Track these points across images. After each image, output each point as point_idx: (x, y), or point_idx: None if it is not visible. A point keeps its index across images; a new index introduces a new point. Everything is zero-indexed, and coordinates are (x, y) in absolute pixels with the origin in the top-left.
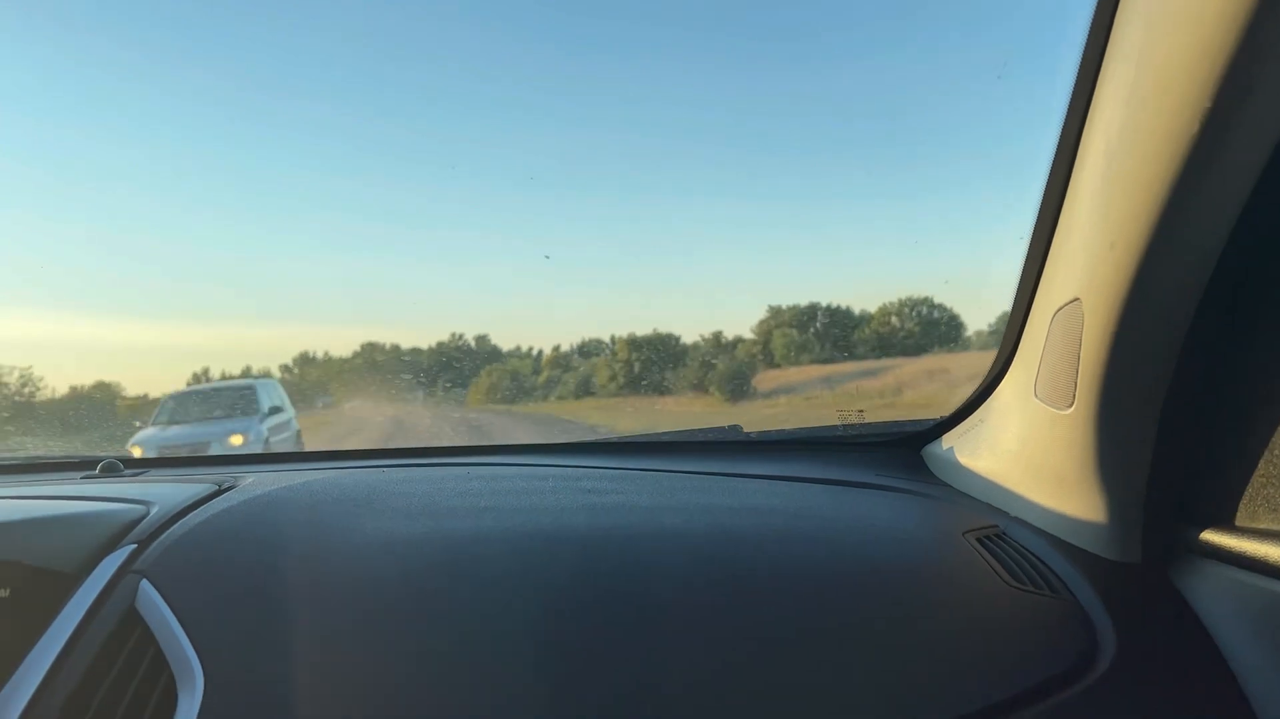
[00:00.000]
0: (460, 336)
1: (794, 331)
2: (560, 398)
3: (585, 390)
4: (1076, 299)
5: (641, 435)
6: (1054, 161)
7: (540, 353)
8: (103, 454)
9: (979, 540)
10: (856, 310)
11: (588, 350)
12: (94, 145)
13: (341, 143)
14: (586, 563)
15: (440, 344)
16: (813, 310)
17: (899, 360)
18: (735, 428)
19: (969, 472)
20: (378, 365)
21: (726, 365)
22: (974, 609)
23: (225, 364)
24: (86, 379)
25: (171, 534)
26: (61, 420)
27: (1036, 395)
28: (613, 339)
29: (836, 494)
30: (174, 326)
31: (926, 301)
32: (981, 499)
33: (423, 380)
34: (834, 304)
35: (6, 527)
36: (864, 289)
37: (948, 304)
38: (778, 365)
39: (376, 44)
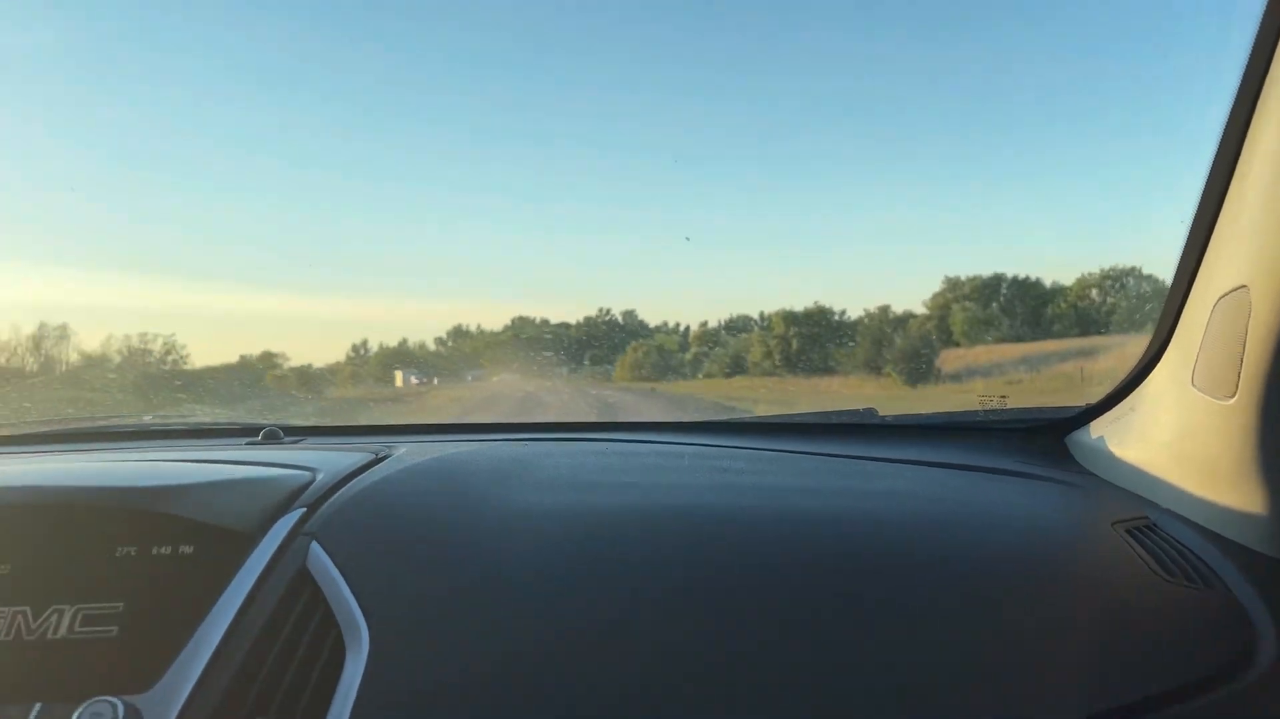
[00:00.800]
0: (607, 311)
1: (975, 306)
2: (708, 376)
3: (736, 368)
4: (1243, 286)
5: (775, 417)
6: (1221, 144)
7: (688, 329)
8: (264, 422)
9: (1128, 531)
10: (1048, 283)
11: (736, 326)
12: (253, 120)
13: (494, 123)
14: (720, 540)
15: (588, 319)
16: (996, 282)
17: (1107, 339)
18: (870, 410)
19: (1117, 460)
20: (526, 339)
21: (905, 342)
22: (1124, 601)
23: (382, 335)
24: (250, 349)
25: (338, 499)
26: (228, 390)
27: (1194, 384)
28: (763, 315)
29: (976, 480)
30: (329, 299)
31: (1134, 272)
32: (1130, 489)
33: (569, 355)
34: (1022, 276)
35: (189, 488)
36: (1032, 267)
37: (1159, 275)
38: (956, 343)
39: (521, 31)
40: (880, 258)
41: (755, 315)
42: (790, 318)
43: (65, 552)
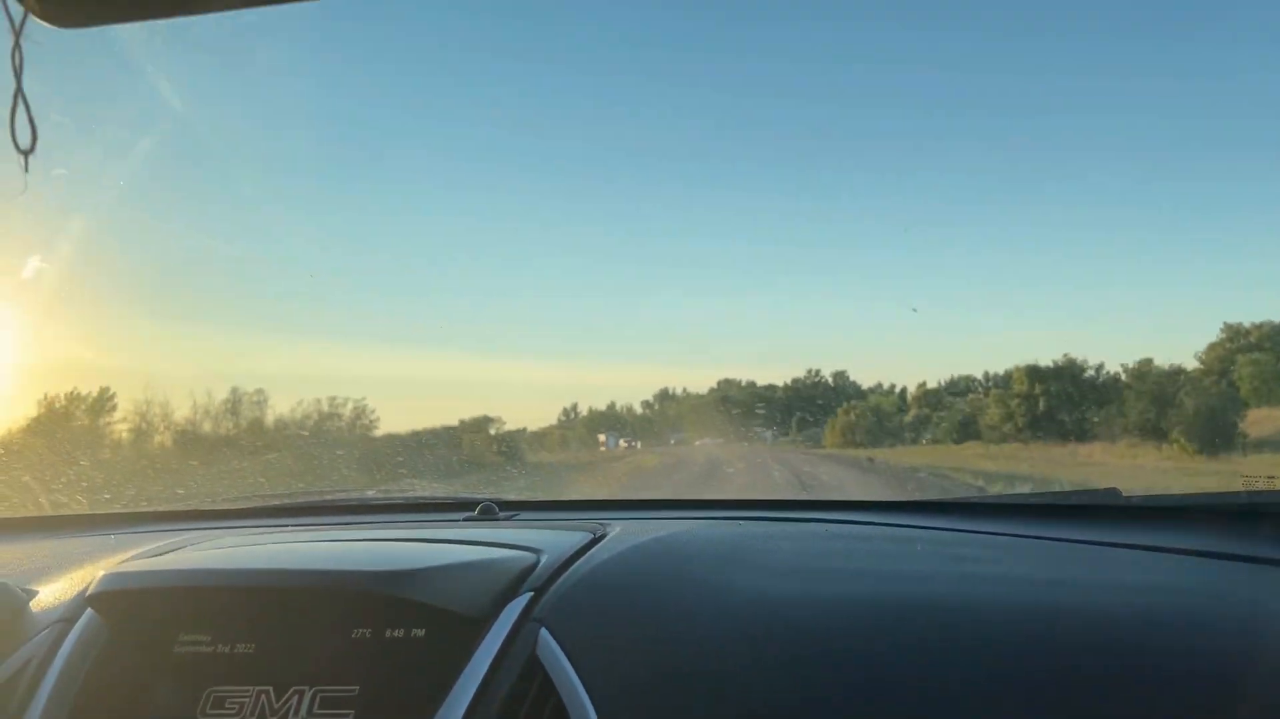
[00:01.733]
0: (817, 373)
1: (1267, 357)
2: (935, 441)
3: (967, 432)
4: None
5: (1007, 497)
6: None
7: (904, 390)
8: (480, 496)
9: None
10: None
11: (959, 387)
12: (475, 200)
13: (702, 200)
14: (961, 637)
15: (796, 380)
16: None
17: None
18: (1113, 491)
19: None
20: (732, 402)
21: (1196, 401)
22: None
23: (591, 399)
24: (470, 412)
25: (563, 583)
26: (445, 464)
27: None
28: (988, 375)
29: (1241, 572)
30: (542, 364)
31: None
32: None
33: (776, 418)
34: None
35: (420, 572)
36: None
37: None
38: (1245, 403)
39: (737, 114)
40: (1139, 304)
41: (979, 375)
42: (1036, 374)
43: (304, 633)
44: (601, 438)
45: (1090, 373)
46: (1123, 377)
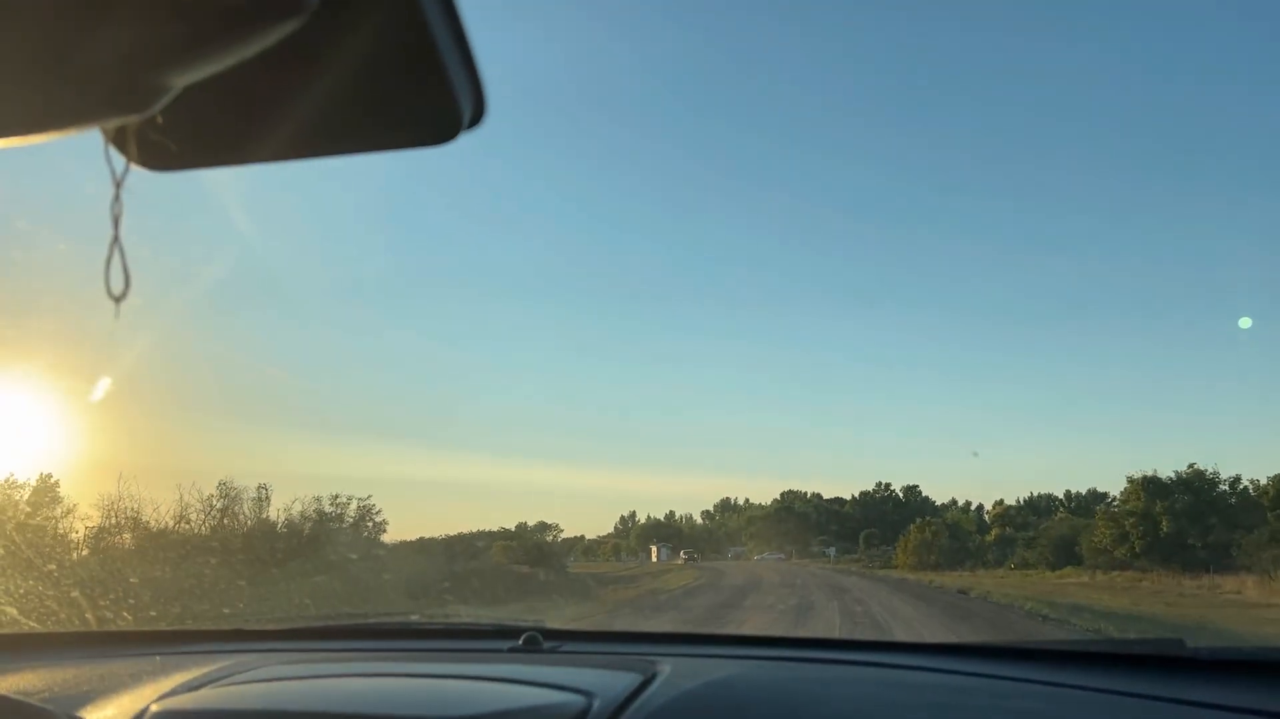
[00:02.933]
0: (887, 486)
1: None
2: (1026, 565)
3: (1064, 556)
4: None
5: (1064, 643)
6: None
7: (980, 507)
8: (524, 624)
9: None
10: None
11: (1039, 506)
12: (536, 316)
13: (770, 315)
14: None
15: (864, 494)
16: None
17: None
18: (1179, 641)
19: None
20: (795, 513)
21: None
22: None
23: (651, 508)
24: (533, 517)
25: None
26: (491, 592)
27: None
28: (1069, 495)
29: None
30: (600, 471)
31: None
32: None
33: (842, 533)
34: None
35: None
36: None
37: None
38: None
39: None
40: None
41: (1060, 495)
42: (1155, 487)
43: None
44: (654, 549)
45: (1223, 487)
46: (1270, 491)
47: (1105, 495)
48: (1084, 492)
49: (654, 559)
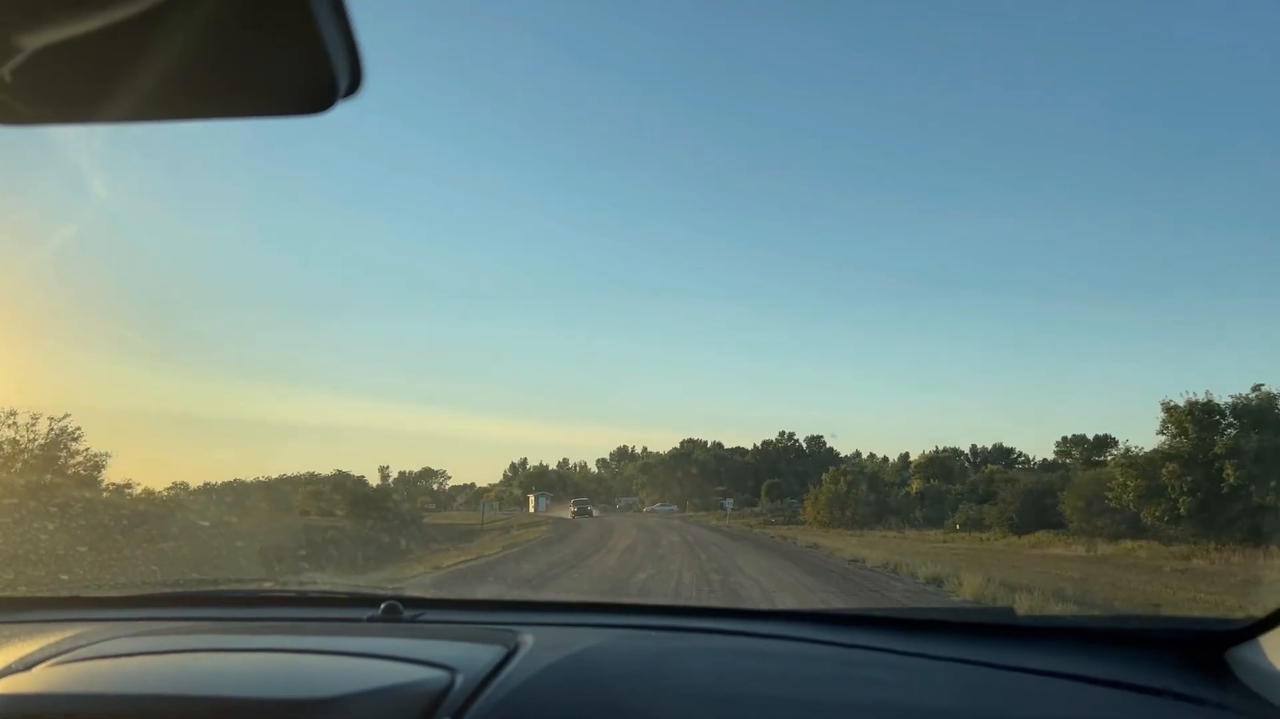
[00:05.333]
0: (790, 436)
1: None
2: (978, 526)
3: (1036, 517)
4: None
5: (907, 610)
6: None
7: (905, 455)
8: (382, 592)
9: None
10: None
11: (985, 457)
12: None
13: (673, 254)
14: None
15: (766, 443)
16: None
17: None
18: (1008, 610)
19: None
20: (694, 462)
21: None
22: None
23: (544, 455)
24: (413, 464)
25: (480, 708)
26: (362, 553)
27: None
28: (974, 449)
29: (1132, 704)
30: (491, 418)
31: None
32: None
33: (742, 483)
34: None
35: (333, 702)
36: None
37: None
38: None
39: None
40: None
41: (1015, 446)
42: (1206, 420)
43: None
44: (532, 499)
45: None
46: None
47: (1011, 451)
48: (989, 446)
49: (530, 509)
